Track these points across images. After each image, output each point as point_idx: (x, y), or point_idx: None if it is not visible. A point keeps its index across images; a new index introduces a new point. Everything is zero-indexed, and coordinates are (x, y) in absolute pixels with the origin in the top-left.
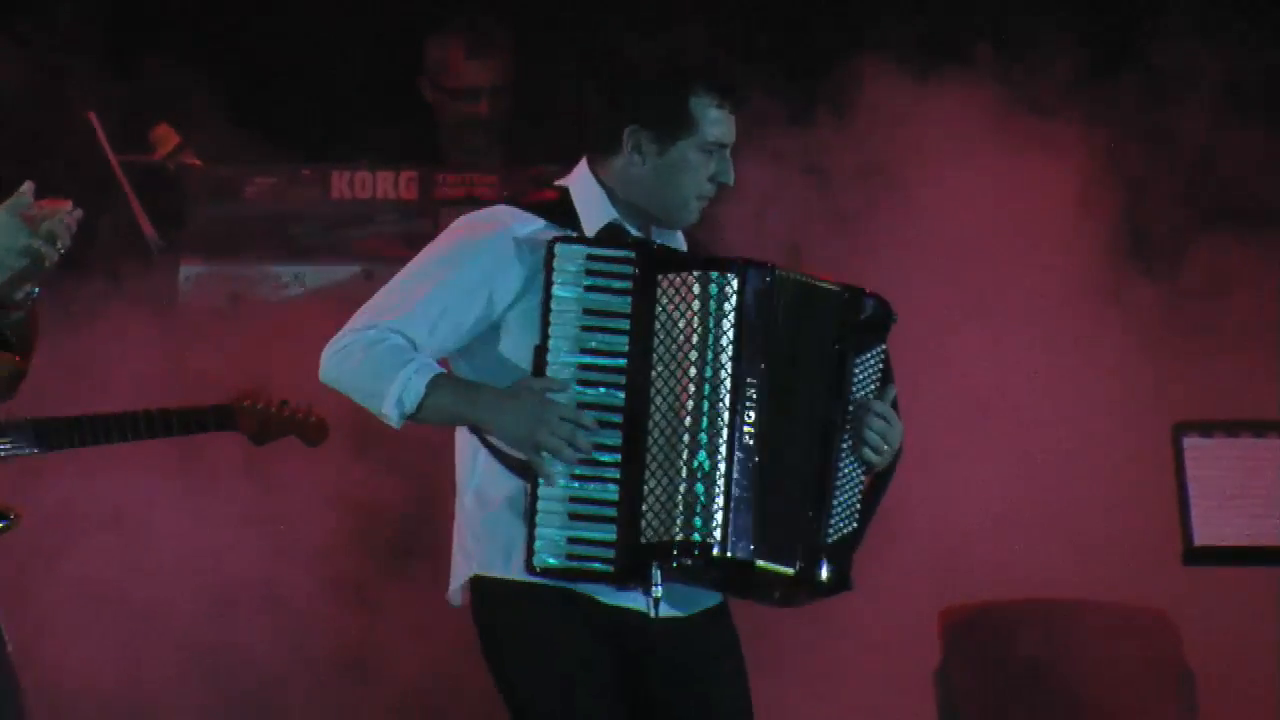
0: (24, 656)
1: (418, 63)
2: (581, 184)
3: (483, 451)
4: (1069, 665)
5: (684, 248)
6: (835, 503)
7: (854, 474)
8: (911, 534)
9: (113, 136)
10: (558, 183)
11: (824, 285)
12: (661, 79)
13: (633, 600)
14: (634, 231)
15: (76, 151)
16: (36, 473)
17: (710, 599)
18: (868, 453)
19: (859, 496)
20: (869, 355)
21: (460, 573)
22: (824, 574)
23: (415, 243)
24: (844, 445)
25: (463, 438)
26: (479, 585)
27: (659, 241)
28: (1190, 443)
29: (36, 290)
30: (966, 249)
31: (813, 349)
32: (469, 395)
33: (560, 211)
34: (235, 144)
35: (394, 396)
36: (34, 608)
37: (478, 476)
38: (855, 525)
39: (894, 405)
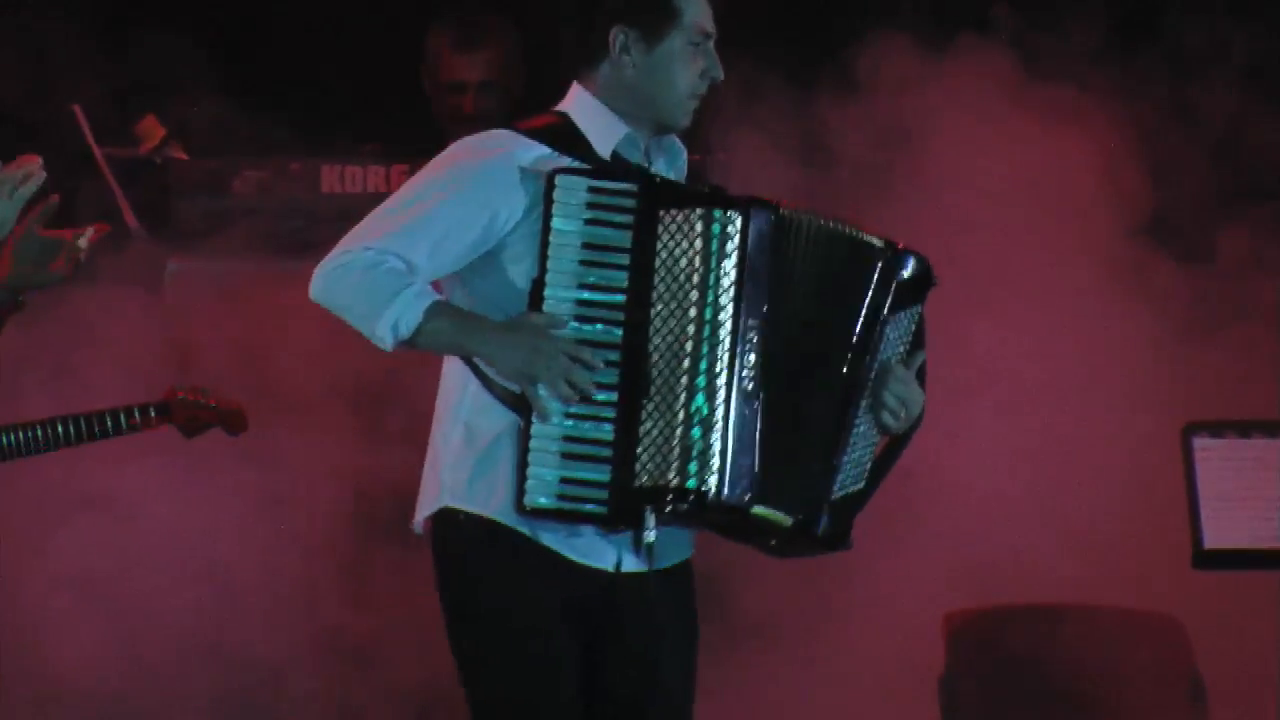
0: (12, 646)
1: (409, 56)
2: (582, 105)
3: (474, 382)
4: (1075, 670)
5: (685, 163)
6: (846, 459)
7: (870, 433)
8: (916, 536)
9: (97, 127)
10: (556, 108)
11: (857, 236)
12: None
13: (599, 559)
14: (641, 144)
15: (60, 143)
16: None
17: (676, 555)
18: (885, 415)
19: (870, 456)
20: (903, 315)
21: (429, 500)
22: (822, 528)
23: None
24: (864, 403)
25: (453, 366)
26: (449, 517)
27: (661, 157)
28: (1200, 444)
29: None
30: (981, 225)
31: (835, 298)
32: (468, 324)
33: (564, 136)
34: (223, 136)
35: (389, 320)
36: (22, 598)
37: (466, 408)
38: (863, 485)
39: (922, 371)
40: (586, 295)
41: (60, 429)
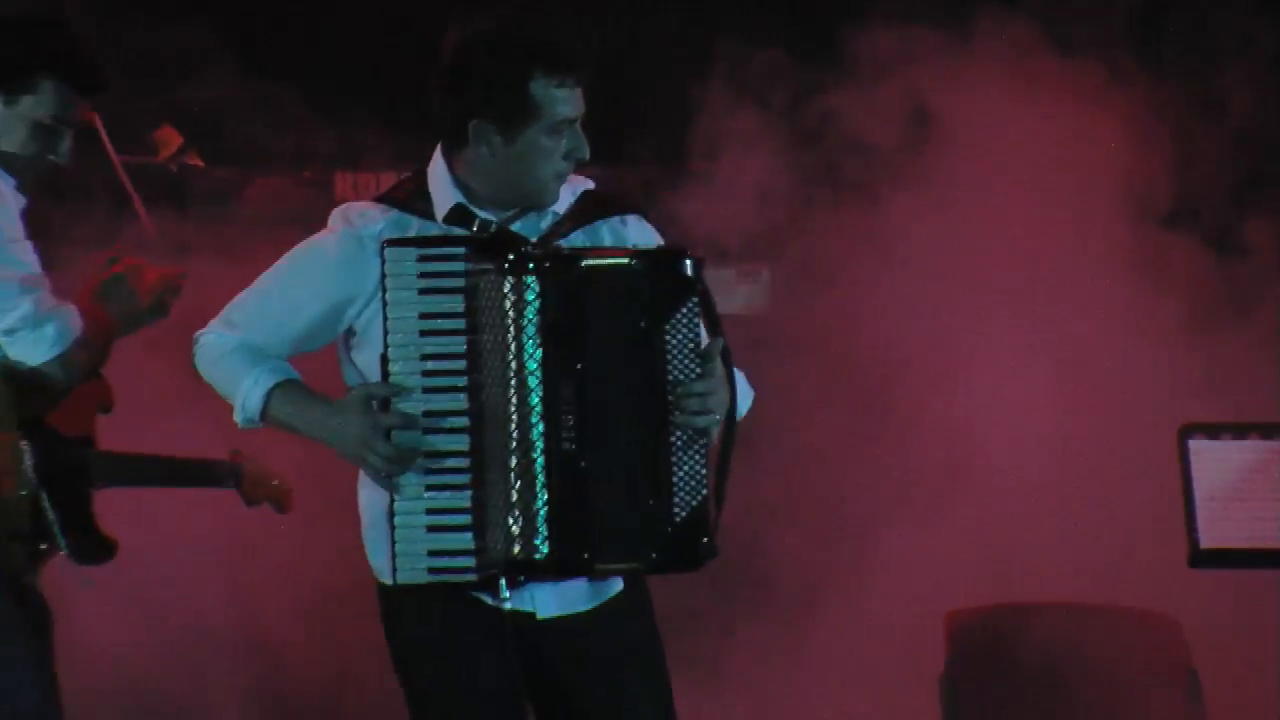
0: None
1: (426, 65)
2: (436, 169)
3: None
4: (1074, 668)
5: (548, 223)
6: (675, 481)
7: (689, 444)
8: (918, 537)
9: (112, 134)
10: (424, 167)
11: (608, 262)
12: (497, 66)
13: (519, 602)
14: (481, 214)
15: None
16: None
17: (603, 594)
18: (696, 419)
19: (702, 463)
20: (679, 315)
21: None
22: (680, 552)
23: None
24: (672, 418)
25: None
26: (379, 590)
27: (525, 225)
28: (1196, 445)
29: None
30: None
31: (622, 332)
32: (300, 411)
33: (415, 199)
34: (237, 144)
35: (238, 405)
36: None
37: (361, 483)
38: (703, 494)
39: (725, 354)
40: (430, 365)
41: (159, 468)
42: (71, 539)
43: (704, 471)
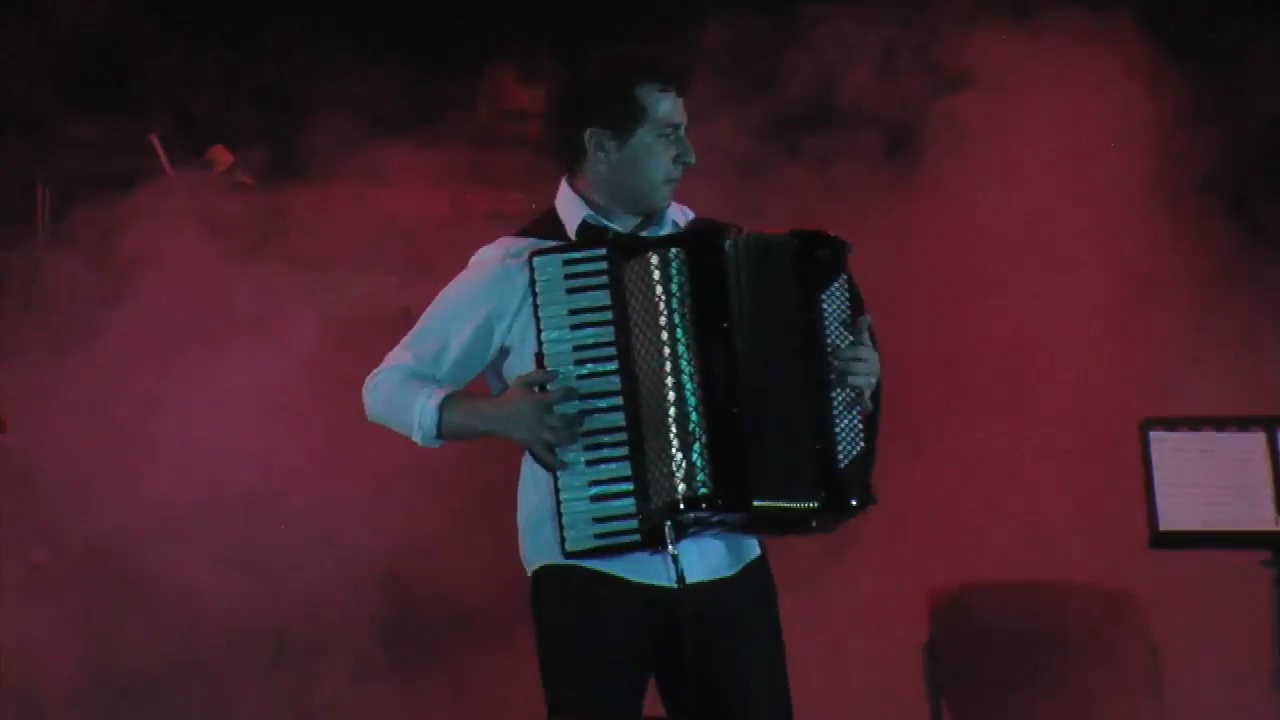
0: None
1: (455, 83)
2: (563, 198)
3: (526, 453)
4: (1047, 641)
5: (670, 229)
6: (837, 430)
7: (848, 399)
8: (904, 518)
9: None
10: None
11: (775, 237)
12: (607, 79)
13: (656, 577)
14: (612, 226)
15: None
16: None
17: (737, 560)
18: (858, 379)
19: (859, 418)
20: (834, 288)
21: (528, 568)
22: (844, 496)
23: (451, 257)
24: (830, 377)
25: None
26: (535, 577)
27: (652, 233)
28: (1156, 436)
29: None
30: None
31: (776, 297)
32: (473, 409)
33: (548, 225)
34: (276, 162)
35: (417, 426)
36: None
37: (528, 473)
38: (863, 444)
39: (871, 331)
40: (584, 354)
41: None
42: None
43: (861, 427)
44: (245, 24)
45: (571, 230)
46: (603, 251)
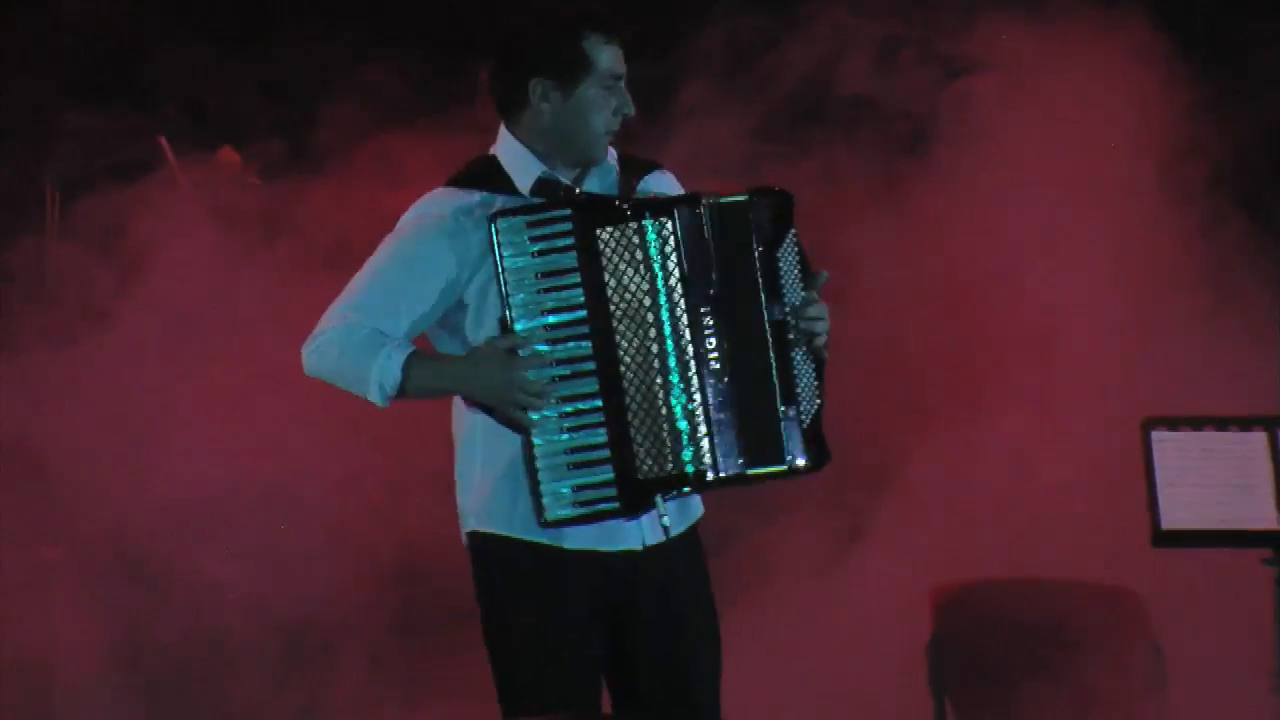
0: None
1: (465, 76)
2: (505, 146)
3: (480, 414)
4: (1050, 639)
5: (616, 177)
6: (799, 390)
7: (806, 358)
8: (910, 514)
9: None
10: (488, 152)
11: (733, 199)
12: (553, 29)
13: (625, 542)
14: (565, 180)
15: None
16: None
17: (686, 518)
18: (816, 340)
19: (814, 375)
20: (785, 244)
21: (463, 521)
22: (808, 459)
23: None
24: (791, 336)
25: (459, 400)
26: (479, 539)
27: (593, 178)
28: (1158, 436)
29: None
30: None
31: (742, 259)
32: (440, 369)
33: (493, 177)
34: (287, 162)
35: (375, 383)
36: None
37: (479, 434)
38: (819, 401)
39: (820, 283)
40: (551, 319)
41: None
42: None
43: (818, 383)
44: (255, 15)
45: (520, 182)
46: (568, 212)
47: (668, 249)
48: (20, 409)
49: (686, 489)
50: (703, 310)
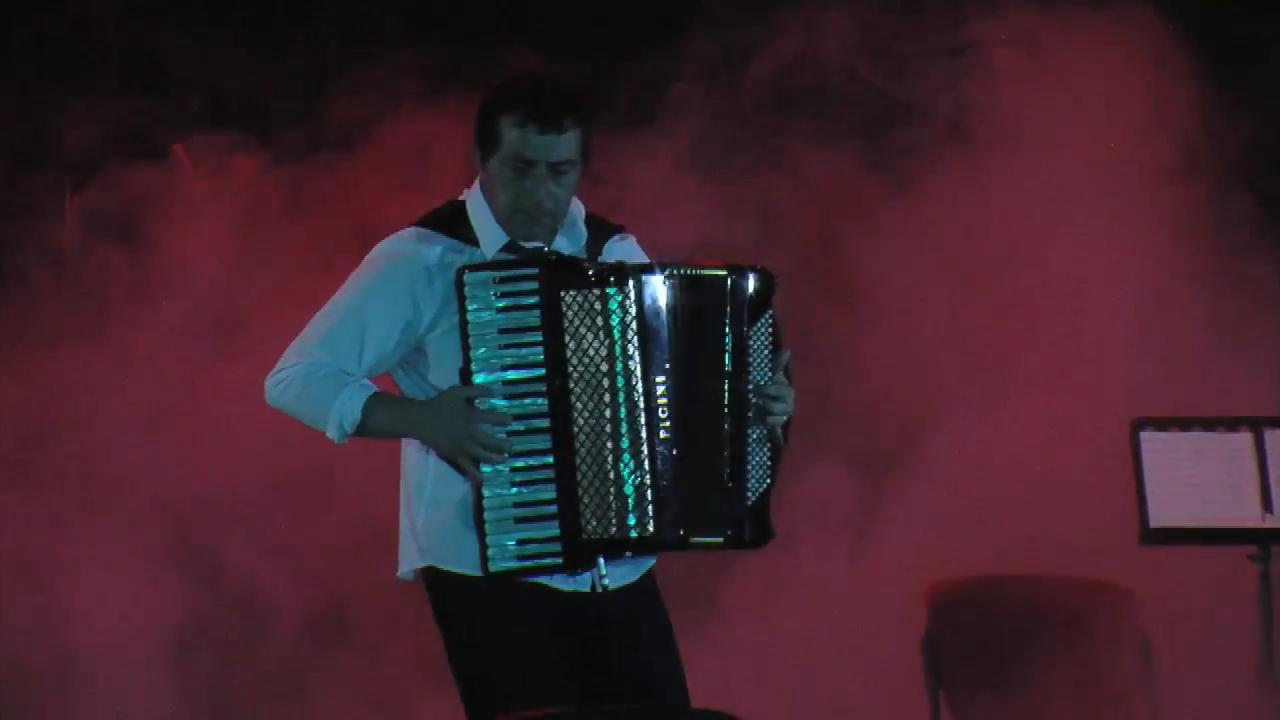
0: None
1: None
2: (474, 198)
3: (433, 456)
4: (1043, 634)
5: (583, 232)
6: (749, 467)
7: (762, 436)
8: (903, 513)
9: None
10: (461, 196)
11: (709, 273)
12: (484, 104)
13: (580, 584)
14: (527, 245)
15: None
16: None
17: (639, 569)
18: (772, 418)
19: (767, 453)
20: (758, 325)
21: (411, 559)
22: (749, 534)
23: None
24: (750, 415)
25: (411, 441)
26: (434, 573)
27: (560, 243)
28: (1146, 436)
29: None
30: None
31: (708, 334)
32: (400, 413)
33: (459, 227)
34: (308, 138)
35: (335, 421)
36: None
37: (430, 477)
38: (769, 480)
39: (787, 368)
40: (510, 375)
41: None
42: None
43: (769, 463)
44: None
45: (482, 237)
46: (535, 270)
47: (628, 318)
48: (45, 401)
49: (629, 553)
50: (658, 380)
